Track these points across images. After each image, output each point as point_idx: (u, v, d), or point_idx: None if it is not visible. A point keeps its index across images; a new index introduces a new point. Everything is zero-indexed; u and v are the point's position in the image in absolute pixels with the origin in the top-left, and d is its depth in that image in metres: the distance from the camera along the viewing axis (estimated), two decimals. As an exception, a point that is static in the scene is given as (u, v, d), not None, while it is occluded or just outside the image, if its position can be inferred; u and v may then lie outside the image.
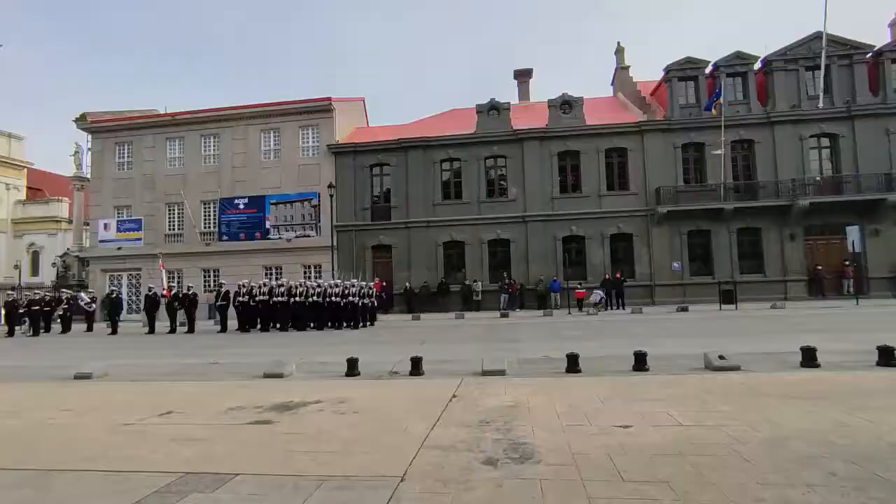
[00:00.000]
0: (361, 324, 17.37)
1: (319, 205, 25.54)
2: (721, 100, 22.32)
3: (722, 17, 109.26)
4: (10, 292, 22.94)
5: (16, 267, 34.15)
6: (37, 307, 19.30)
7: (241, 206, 26.44)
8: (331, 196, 23.59)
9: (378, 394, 6.04)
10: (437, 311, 22.90)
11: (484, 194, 25.19)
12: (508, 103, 25.97)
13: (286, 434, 4.41)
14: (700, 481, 3.01)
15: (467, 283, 23.87)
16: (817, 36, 23.26)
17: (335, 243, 24.36)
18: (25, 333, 19.10)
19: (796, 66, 23.67)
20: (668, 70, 24.46)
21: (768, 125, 23.48)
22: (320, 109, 26.42)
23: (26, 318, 19.41)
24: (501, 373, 6.95)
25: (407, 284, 24.21)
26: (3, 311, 20.12)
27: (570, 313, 20.42)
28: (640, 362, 6.98)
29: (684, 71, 24.36)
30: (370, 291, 18.43)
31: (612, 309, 21.58)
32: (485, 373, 7.02)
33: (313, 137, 26.61)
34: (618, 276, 22.55)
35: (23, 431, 4.81)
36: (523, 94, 31.80)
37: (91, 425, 4.93)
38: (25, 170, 40.05)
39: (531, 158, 24.74)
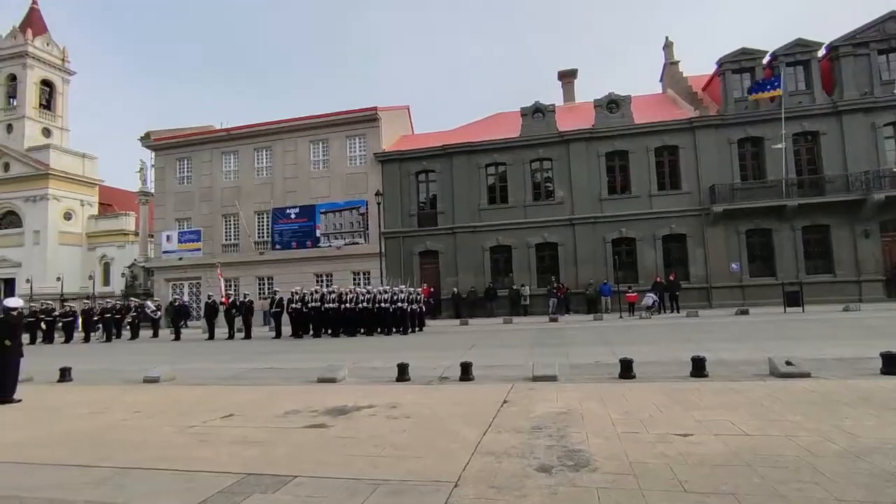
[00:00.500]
0: (410, 329, 17.57)
1: (367, 212, 26.06)
2: (780, 90, 21.17)
3: (770, 8, 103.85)
4: (85, 301, 24.74)
5: (90, 277, 36.76)
6: (109, 315, 20.75)
7: (293, 216, 27.35)
8: (378, 204, 24.06)
9: (429, 399, 6.07)
10: (484, 315, 22.83)
11: (530, 197, 24.90)
12: (553, 105, 25.62)
13: (341, 438, 4.51)
14: (770, 494, 2.84)
15: (515, 287, 23.64)
16: (892, 16, 21.61)
17: (383, 250, 24.75)
18: (99, 339, 20.54)
19: (867, 51, 22.02)
20: (721, 63, 23.41)
21: (835, 115, 22.01)
22: (366, 119, 26.99)
23: (100, 325, 20.90)
24: (553, 378, 6.82)
25: (454, 289, 24.25)
26: (80, 319, 21.77)
27: (621, 317, 19.84)
28: (699, 368, 6.69)
29: (739, 63, 23.20)
30: (418, 297, 18.60)
31: (665, 312, 20.82)
32: (535, 378, 6.91)
33: (360, 147, 27.21)
34: (671, 278, 21.73)
35: (101, 431, 5.15)
36: (568, 95, 31.27)
37: (160, 427, 5.22)
38: (97, 187, 43.14)
39: (578, 160, 24.29)
